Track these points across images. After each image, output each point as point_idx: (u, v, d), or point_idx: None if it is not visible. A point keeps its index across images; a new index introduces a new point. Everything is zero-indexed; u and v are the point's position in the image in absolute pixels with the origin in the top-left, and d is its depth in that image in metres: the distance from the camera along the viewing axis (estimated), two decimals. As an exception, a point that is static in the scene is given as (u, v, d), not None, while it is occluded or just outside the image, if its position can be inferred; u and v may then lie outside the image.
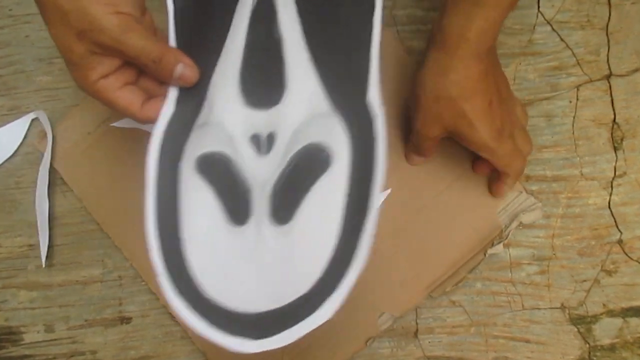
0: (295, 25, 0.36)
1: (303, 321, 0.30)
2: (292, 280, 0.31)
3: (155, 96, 0.35)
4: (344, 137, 0.33)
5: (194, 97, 0.35)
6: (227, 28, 0.36)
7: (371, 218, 0.31)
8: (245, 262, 0.32)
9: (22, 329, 0.48)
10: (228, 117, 0.34)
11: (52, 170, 0.48)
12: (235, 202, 0.33)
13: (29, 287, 0.48)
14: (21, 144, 0.49)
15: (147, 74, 0.35)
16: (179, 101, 0.35)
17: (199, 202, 0.33)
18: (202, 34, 0.36)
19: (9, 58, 0.49)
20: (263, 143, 0.34)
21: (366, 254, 0.30)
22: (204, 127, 0.34)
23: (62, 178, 0.48)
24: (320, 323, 0.30)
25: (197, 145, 0.34)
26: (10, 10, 0.50)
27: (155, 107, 0.35)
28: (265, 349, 0.29)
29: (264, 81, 0.35)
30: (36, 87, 0.49)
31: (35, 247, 0.48)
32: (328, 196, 0.32)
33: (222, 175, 0.33)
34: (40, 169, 0.47)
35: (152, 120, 0.35)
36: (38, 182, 0.47)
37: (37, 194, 0.47)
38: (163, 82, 0.35)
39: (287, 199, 0.32)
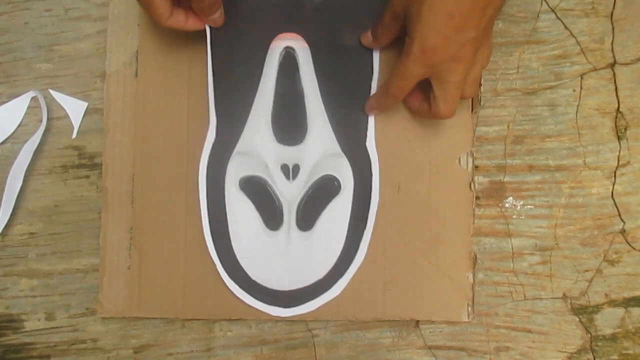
0: (313, 81, 0.45)
1: (319, 296, 0.45)
2: (312, 270, 0.45)
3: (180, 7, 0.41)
4: (349, 172, 0.45)
5: (232, 128, 0.45)
6: (258, 77, 0.45)
7: (368, 230, 0.45)
8: (279, 256, 0.45)
9: (23, 317, 0.48)
10: (263, 150, 0.45)
11: (52, 159, 0.48)
12: (271, 214, 0.45)
13: (30, 275, 0.48)
14: (20, 130, 0.49)
15: None
16: (219, 131, 0.45)
17: (242, 212, 0.45)
18: (237, 81, 0.45)
19: (8, 45, 0.49)
20: (290, 172, 0.45)
21: (364, 254, 0.45)
22: (244, 155, 0.45)
23: (63, 166, 0.48)
24: (331, 297, 0.45)
25: (240, 169, 0.45)
26: (9, -4, 0.49)
27: (179, 19, 0.41)
28: (292, 314, 0.45)
29: (290, 124, 0.45)
30: (36, 74, 0.49)
31: (36, 235, 0.48)
32: (338, 213, 0.45)
33: (260, 193, 0.45)
34: (26, 145, 0.47)
35: (175, 27, 0.41)
36: (18, 158, 0.47)
37: (13, 168, 0.47)
38: (197, 12, 0.42)
39: (308, 214, 0.45)
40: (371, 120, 0.45)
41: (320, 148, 0.45)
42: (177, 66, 0.46)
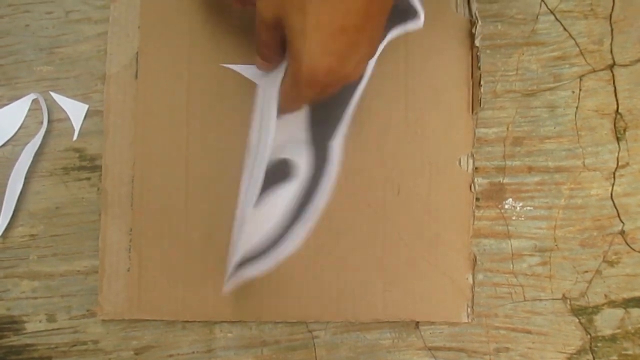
0: None
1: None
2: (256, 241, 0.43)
3: None
4: (308, 162, 0.43)
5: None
6: None
7: (308, 217, 0.43)
8: (243, 227, 0.43)
9: (24, 319, 0.48)
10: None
11: (52, 161, 0.48)
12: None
13: (31, 277, 0.48)
14: (21, 133, 0.49)
15: None
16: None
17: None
18: None
19: (9, 48, 0.49)
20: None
21: (299, 236, 0.43)
22: None
23: (64, 168, 0.48)
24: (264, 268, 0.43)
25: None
26: (10, -1, 0.50)
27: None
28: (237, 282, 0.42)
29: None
30: (37, 77, 0.49)
31: (37, 237, 0.48)
32: (286, 196, 0.43)
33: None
34: (27, 147, 0.48)
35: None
36: (19, 160, 0.48)
37: (14, 170, 0.48)
38: None
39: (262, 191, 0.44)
40: (345, 120, 0.43)
41: (291, 130, 0.44)
42: (177, 68, 0.47)
